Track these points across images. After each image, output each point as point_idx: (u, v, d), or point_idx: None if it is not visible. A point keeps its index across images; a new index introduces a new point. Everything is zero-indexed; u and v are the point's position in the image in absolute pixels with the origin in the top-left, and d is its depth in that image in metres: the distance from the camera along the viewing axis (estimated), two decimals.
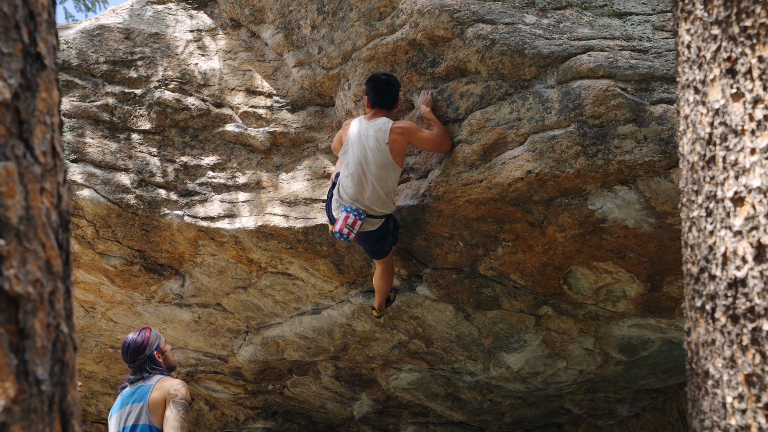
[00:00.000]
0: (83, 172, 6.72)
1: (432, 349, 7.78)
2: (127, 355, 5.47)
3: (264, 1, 7.22)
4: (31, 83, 1.73)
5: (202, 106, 7.07)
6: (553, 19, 5.90)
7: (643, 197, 5.53)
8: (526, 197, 5.81)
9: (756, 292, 2.11)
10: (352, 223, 5.99)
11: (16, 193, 1.64)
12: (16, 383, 1.60)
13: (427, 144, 5.98)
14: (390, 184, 6.07)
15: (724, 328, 2.19)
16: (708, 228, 2.27)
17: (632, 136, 5.33)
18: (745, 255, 2.14)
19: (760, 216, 2.12)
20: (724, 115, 2.24)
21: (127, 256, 7.24)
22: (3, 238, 1.60)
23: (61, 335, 1.73)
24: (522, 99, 5.72)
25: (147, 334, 5.56)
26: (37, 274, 1.66)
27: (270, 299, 7.57)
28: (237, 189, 6.93)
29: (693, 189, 2.35)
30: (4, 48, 1.68)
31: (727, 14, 2.25)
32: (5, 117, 1.65)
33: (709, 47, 2.29)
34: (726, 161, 2.22)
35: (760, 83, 2.15)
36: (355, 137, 6.08)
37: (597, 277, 6.34)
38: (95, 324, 8.40)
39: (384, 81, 6.09)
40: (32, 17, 1.77)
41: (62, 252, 1.78)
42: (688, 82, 2.40)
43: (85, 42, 7.16)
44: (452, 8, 5.88)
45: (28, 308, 1.64)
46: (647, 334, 7.05)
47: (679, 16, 2.46)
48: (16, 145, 1.67)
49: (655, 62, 5.47)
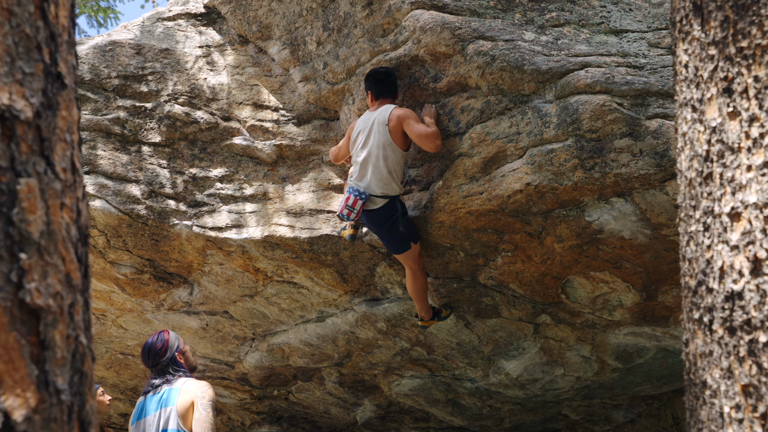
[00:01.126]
0: (95, 183, 6.73)
1: (433, 356, 7.77)
2: (148, 359, 5.24)
3: (271, 17, 7.24)
4: (52, 102, 1.74)
5: (210, 119, 7.08)
6: (552, 36, 5.91)
7: (639, 209, 5.53)
8: (525, 209, 5.81)
9: (752, 304, 2.11)
10: (352, 203, 6.06)
11: (38, 209, 1.65)
12: (37, 393, 1.60)
13: (417, 136, 5.96)
14: (390, 163, 6.08)
15: (721, 340, 2.19)
16: (705, 242, 2.27)
17: (628, 150, 5.33)
18: (741, 269, 2.14)
19: (756, 231, 2.12)
20: (721, 133, 2.24)
21: (137, 264, 7.24)
22: (25, 252, 1.61)
23: (80, 346, 1.73)
24: (521, 113, 5.72)
25: (166, 336, 5.33)
26: (57, 287, 1.67)
27: (276, 307, 7.57)
28: (244, 200, 6.94)
29: (691, 204, 2.36)
30: (26, 68, 1.69)
31: (724, 35, 2.26)
32: (27, 135, 1.66)
33: (707, 67, 2.30)
34: (723, 177, 2.23)
35: (756, 102, 2.16)
36: (362, 126, 6.21)
37: (594, 286, 6.34)
38: (106, 331, 8.40)
39: (384, 73, 6.19)
40: (53, 38, 1.78)
41: (81, 265, 1.78)
42: (685, 101, 2.40)
43: (98, 57, 7.17)
44: (453, 25, 5.89)
45: (49, 320, 1.64)
46: (642, 342, 7.05)
47: (677, 36, 2.47)
48: (38, 162, 1.68)
49: (650, 78, 5.47)
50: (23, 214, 1.62)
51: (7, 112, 1.63)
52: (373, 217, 6.15)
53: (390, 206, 6.13)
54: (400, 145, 6.08)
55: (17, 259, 1.60)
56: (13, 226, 1.60)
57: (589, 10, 6.14)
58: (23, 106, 1.66)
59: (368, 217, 6.16)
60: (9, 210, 1.60)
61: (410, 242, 6.26)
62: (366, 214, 6.14)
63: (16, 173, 1.63)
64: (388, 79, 6.18)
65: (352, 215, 6.09)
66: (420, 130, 5.94)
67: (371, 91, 6.20)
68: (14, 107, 1.64)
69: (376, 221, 6.17)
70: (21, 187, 1.63)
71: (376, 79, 6.18)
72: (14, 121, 1.64)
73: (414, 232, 6.28)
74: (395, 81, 6.20)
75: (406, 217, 6.23)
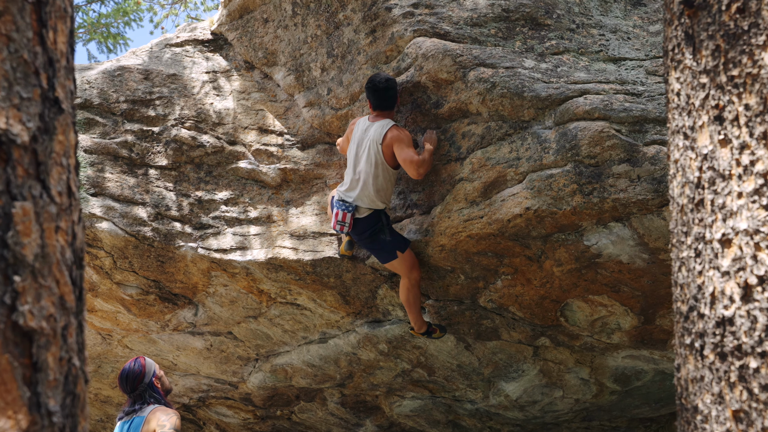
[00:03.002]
0: (102, 205, 6.73)
1: (434, 378, 7.73)
2: (126, 385, 5.24)
3: (277, 44, 7.27)
4: (48, 126, 1.74)
5: (216, 143, 7.09)
6: (551, 64, 5.92)
7: (637, 234, 5.51)
8: (525, 233, 5.80)
9: (743, 330, 2.09)
10: (342, 218, 6.12)
11: (33, 232, 1.64)
12: (29, 415, 1.59)
13: (402, 161, 5.97)
14: (380, 182, 6.09)
15: (712, 365, 2.17)
16: (697, 268, 2.25)
17: (626, 176, 5.33)
18: (732, 295, 2.12)
19: (747, 257, 2.10)
20: (712, 160, 2.23)
21: (143, 285, 7.23)
22: (19, 275, 1.60)
23: (73, 368, 1.72)
24: (521, 139, 5.72)
25: (142, 362, 5.32)
26: (50, 310, 1.66)
27: (279, 328, 7.55)
28: (249, 223, 6.94)
29: (682, 230, 2.34)
30: (23, 93, 1.68)
31: (715, 64, 2.25)
32: (23, 158, 1.66)
33: (698, 95, 2.29)
34: (714, 204, 2.21)
35: (747, 130, 2.15)
36: (357, 136, 6.21)
37: (592, 310, 6.31)
38: (111, 351, 8.38)
39: (383, 87, 6.10)
40: (51, 63, 1.78)
41: (75, 288, 1.77)
42: (677, 128, 2.39)
43: (107, 82, 7.20)
44: (455, 52, 5.90)
45: (42, 342, 1.63)
46: (641, 365, 7.01)
47: (669, 65, 2.46)
48: (33, 185, 1.67)
49: (648, 105, 5.47)
50: (18, 237, 1.61)
51: (3, 136, 1.62)
52: (358, 225, 6.18)
53: (374, 216, 6.17)
54: (392, 165, 6.10)
55: (11, 281, 1.59)
56: (8, 249, 1.60)
57: (588, 38, 6.15)
58: (20, 131, 1.65)
59: (355, 228, 6.20)
60: (4, 233, 1.59)
61: (396, 251, 6.24)
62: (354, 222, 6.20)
63: (12, 196, 1.62)
64: (387, 93, 6.11)
65: (345, 228, 6.15)
66: (406, 155, 5.94)
67: (370, 100, 6.20)
68: (11, 131, 1.64)
69: (357, 230, 6.20)
70: (16, 210, 1.62)
71: (375, 90, 6.13)
72: (11, 145, 1.64)
73: (400, 241, 6.25)
74: (394, 94, 6.14)
75: (390, 228, 6.24)
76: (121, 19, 14.83)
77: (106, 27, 14.61)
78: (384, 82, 6.10)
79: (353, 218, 6.14)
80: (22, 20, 1.70)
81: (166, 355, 8.28)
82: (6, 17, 1.67)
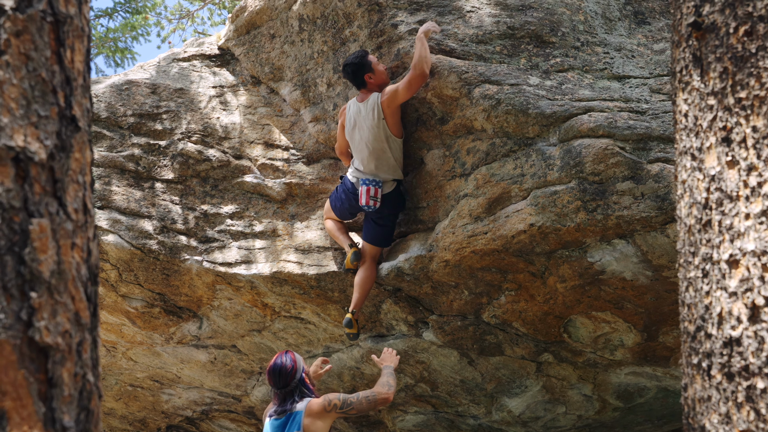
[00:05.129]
0: (108, 218, 6.75)
1: (437, 393, 7.72)
2: (279, 381, 5.00)
3: (283, 60, 7.30)
4: (65, 144, 1.75)
5: (222, 157, 7.11)
6: (556, 81, 5.94)
7: (640, 251, 5.51)
8: (529, 249, 5.80)
9: (750, 351, 2.09)
10: (374, 193, 6.25)
11: (49, 249, 1.65)
12: (44, 430, 1.59)
13: (406, 93, 6.04)
14: (394, 153, 6.28)
15: (719, 386, 2.17)
16: (704, 288, 2.26)
17: (630, 193, 5.33)
18: (740, 315, 2.13)
19: (754, 278, 2.11)
20: (719, 181, 2.24)
21: (148, 298, 7.24)
22: (35, 291, 1.61)
23: (88, 384, 1.73)
24: (525, 156, 5.73)
25: (293, 357, 5.10)
26: (66, 326, 1.67)
27: (283, 342, 7.54)
28: (254, 236, 6.94)
29: (690, 251, 2.35)
30: (41, 111, 1.70)
31: (723, 86, 2.26)
32: (41, 176, 1.67)
33: (706, 117, 2.30)
34: (722, 225, 2.22)
35: (755, 152, 2.16)
36: (354, 120, 6.35)
37: (596, 326, 6.31)
38: (116, 363, 8.37)
39: (351, 70, 6.25)
40: (68, 82, 1.79)
41: (90, 304, 1.78)
42: (685, 149, 2.41)
43: (114, 96, 7.23)
44: (460, 69, 5.92)
45: (57, 358, 1.64)
46: (643, 382, 6.99)
47: (677, 86, 2.47)
48: (50, 202, 1.68)
49: (652, 123, 5.48)
50: (35, 254, 1.62)
51: (21, 153, 1.64)
52: (383, 200, 6.33)
53: (397, 192, 6.38)
54: (398, 134, 6.25)
55: (28, 297, 1.60)
56: (25, 266, 1.61)
57: (592, 56, 6.17)
58: (37, 148, 1.67)
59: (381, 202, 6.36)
60: (21, 249, 1.61)
61: (386, 241, 6.49)
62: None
63: (29, 213, 1.63)
64: (358, 71, 6.24)
65: (378, 204, 6.27)
66: (402, 84, 6.01)
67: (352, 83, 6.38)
68: (29, 149, 1.65)
69: (386, 203, 6.33)
70: (33, 227, 1.63)
71: (346, 75, 6.32)
72: (28, 162, 1.65)
73: (388, 238, 6.50)
74: (362, 67, 6.23)
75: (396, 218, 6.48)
76: (129, 34, 14.90)
77: (114, 41, 14.68)
78: (349, 66, 6.25)
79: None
80: (40, 39, 1.72)
81: (170, 368, 8.28)
82: (25, 36, 1.69)
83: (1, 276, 1.57)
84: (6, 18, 1.66)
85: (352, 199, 6.39)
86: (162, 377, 8.49)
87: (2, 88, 1.64)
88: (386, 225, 6.46)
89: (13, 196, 1.61)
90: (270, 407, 5.25)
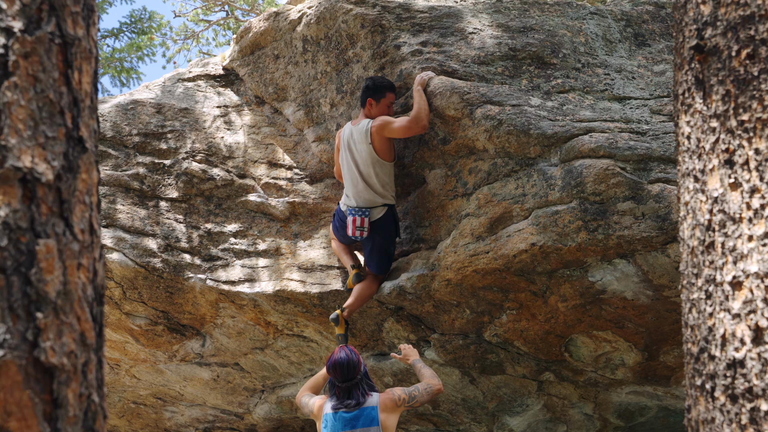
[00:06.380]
0: (113, 236, 6.74)
1: (438, 411, 7.68)
2: (346, 373, 4.98)
3: (287, 80, 7.31)
4: (72, 165, 1.75)
5: (226, 176, 7.11)
6: (557, 102, 5.94)
7: (641, 270, 5.50)
8: (530, 268, 5.78)
9: (754, 373, 2.08)
10: (360, 223, 6.19)
11: (55, 269, 1.65)
12: None
13: (398, 133, 6.10)
14: (382, 178, 6.23)
15: (723, 407, 2.15)
16: (707, 310, 2.25)
17: (631, 213, 5.32)
18: (743, 337, 2.12)
19: (757, 300, 2.10)
20: (722, 203, 2.24)
21: (151, 316, 7.22)
22: (41, 312, 1.60)
23: (93, 405, 1.71)
24: (527, 176, 5.73)
25: (354, 350, 5.10)
26: (71, 346, 1.66)
27: (285, 360, 7.52)
28: (257, 255, 6.93)
29: (693, 272, 2.34)
30: (49, 132, 1.69)
31: (725, 108, 2.26)
32: (47, 197, 1.66)
33: (708, 139, 2.30)
34: (725, 247, 2.21)
35: (757, 174, 2.15)
36: (347, 143, 6.35)
37: (597, 345, 6.28)
38: (119, 380, 8.34)
39: (365, 86, 6.32)
40: (76, 103, 1.79)
41: (96, 324, 1.77)
42: (688, 171, 2.40)
43: (120, 115, 7.24)
44: (462, 90, 5.93)
45: (62, 379, 1.63)
46: (644, 401, 6.96)
47: (679, 108, 2.47)
48: (57, 223, 1.68)
49: (652, 144, 5.49)
50: (41, 274, 1.61)
51: (29, 174, 1.63)
52: (374, 227, 6.26)
53: (390, 215, 6.28)
54: (387, 158, 6.22)
55: (34, 318, 1.59)
56: (31, 286, 1.60)
57: (593, 77, 6.18)
58: (45, 169, 1.66)
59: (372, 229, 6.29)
60: (27, 270, 1.60)
61: (383, 268, 6.40)
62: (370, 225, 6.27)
63: (36, 234, 1.63)
64: (368, 91, 6.29)
65: (364, 234, 6.21)
66: (399, 125, 6.06)
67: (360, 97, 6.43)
68: (36, 170, 1.65)
69: (377, 229, 6.26)
70: (40, 247, 1.62)
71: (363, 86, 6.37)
72: (35, 183, 1.64)
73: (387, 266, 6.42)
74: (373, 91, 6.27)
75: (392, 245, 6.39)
76: (134, 54, 14.96)
77: (120, 61, 14.73)
78: (369, 80, 6.33)
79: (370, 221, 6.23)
80: (48, 61, 1.72)
81: (173, 386, 8.25)
82: (33, 58, 1.69)
83: (8, 296, 1.56)
84: (15, 40, 1.66)
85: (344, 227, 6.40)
86: (165, 395, 8.46)
87: (10, 109, 1.64)
88: (382, 252, 6.38)
89: (20, 217, 1.60)
90: (322, 402, 5.20)
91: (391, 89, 6.27)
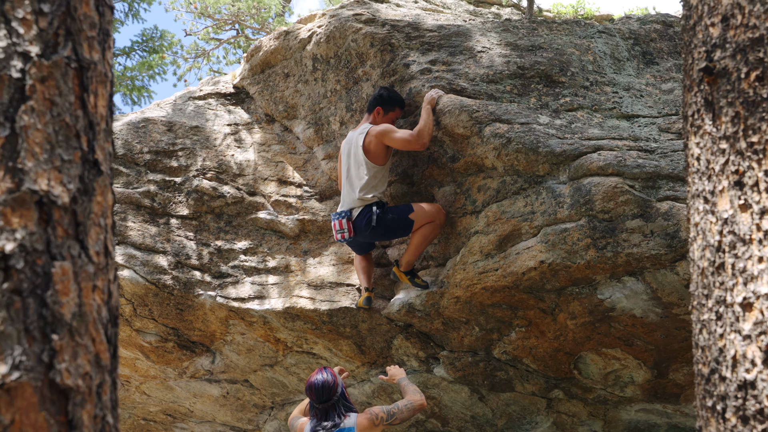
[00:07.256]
0: (124, 253, 6.76)
1: (448, 429, 7.66)
2: (322, 395, 5.02)
3: (297, 98, 7.34)
4: (88, 188, 1.76)
5: (236, 194, 7.13)
6: (566, 120, 5.95)
7: (650, 288, 5.48)
8: (539, 286, 5.78)
9: (765, 394, 2.07)
10: (339, 226, 6.20)
11: (71, 291, 1.65)
12: None
13: (397, 144, 6.09)
14: (373, 182, 6.17)
15: (734, 429, 2.14)
16: (718, 331, 2.24)
17: (639, 231, 5.32)
18: (754, 358, 2.11)
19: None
20: (732, 225, 2.23)
21: (162, 333, 7.23)
22: (56, 334, 1.61)
23: (107, 426, 1.72)
24: (536, 194, 5.73)
25: (332, 371, 5.16)
26: (86, 368, 1.66)
27: (295, 377, 7.51)
28: (267, 272, 6.94)
29: (703, 293, 2.33)
30: (65, 155, 1.71)
31: (735, 130, 2.26)
32: (63, 219, 1.67)
33: (718, 160, 2.30)
34: (735, 268, 2.20)
35: (767, 195, 2.15)
36: (345, 150, 6.39)
37: (606, 363, 6.26)
38: (129, 397, 8.34)
39: (379, 93, 6.34)
40: (91, 127, 1.80)
41: (110, 346, 1.77)
42: (697, 192, 2.40)
43: (131, 133, 7.27)
44: (471, 108, 5.94)
45: (77, 400, 1.63)
46: (654, 419, 6.92)
47: (689, 130, 2.47)
48: (72, 245, 1.69)
49: (660, 162, 5.48)
50: (56, 297, 1.62)
51: (45, 197, 1.64)
52: (356, 227, 6.20)
53: (385, 210, 6.17)
54: (377, 161, 6.18)
55: (49, 339, 1.60)
56: (47, 308, 1.61)
57: (601, 95, 6.19)
58: (60, 192, 1.67)
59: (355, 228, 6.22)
60: (43, 292, 1.61)
61: (408, 216, 6.12)
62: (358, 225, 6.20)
63: (52, 256, 1.64)
64: (380, 99, 6.30)
65: (347, 236, 6.19)
66: (400, 137, 6.05)
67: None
68: (52, 193, 1.66)
69: (360, 230, 6.18)
70: (56, 270, 1.63)
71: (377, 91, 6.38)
72: (51, 206, 1.65)
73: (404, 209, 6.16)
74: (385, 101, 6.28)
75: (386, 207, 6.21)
76: (145, 72, 15.03)
77: (131, 80, 14.80)
78: (385, 90, 6.34)
79: (350, 222, 6.18)
80: (64, 85, 1.73)
81: (183, 402, 8.24)
82: (50, 82, 1.70)
83: (24, 318, 1.57)
84: (32, 64, 1.68)
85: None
86: (175, 411, 8.45)
87: (27, 132, 1.65)
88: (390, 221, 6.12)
89: (36, 239, 1.61)
90: (304, 422, 5.24)
91: (401, 106, 6.30)
